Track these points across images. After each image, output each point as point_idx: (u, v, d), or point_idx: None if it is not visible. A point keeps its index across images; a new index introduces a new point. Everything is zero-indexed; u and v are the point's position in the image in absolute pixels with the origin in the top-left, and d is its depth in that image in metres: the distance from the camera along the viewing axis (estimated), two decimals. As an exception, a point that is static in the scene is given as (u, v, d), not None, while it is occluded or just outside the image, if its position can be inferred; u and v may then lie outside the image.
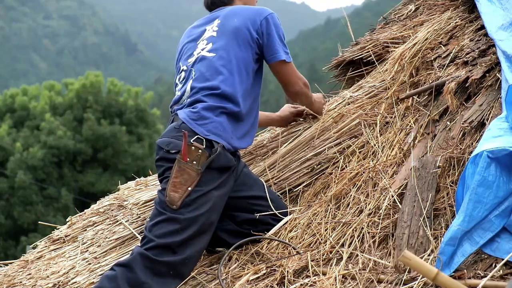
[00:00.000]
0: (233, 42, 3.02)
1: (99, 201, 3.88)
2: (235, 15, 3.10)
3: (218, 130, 2.88)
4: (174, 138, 2.84)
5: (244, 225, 3.03)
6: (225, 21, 3.10)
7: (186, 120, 2.86)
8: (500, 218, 2.25)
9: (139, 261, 2.67)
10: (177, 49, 3.28)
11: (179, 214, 2.74)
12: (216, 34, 3.08)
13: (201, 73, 2.99)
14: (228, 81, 2.94)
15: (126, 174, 19.72)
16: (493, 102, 2.82)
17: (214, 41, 3.06)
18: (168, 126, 2.99)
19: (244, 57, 3.01)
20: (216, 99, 2.91)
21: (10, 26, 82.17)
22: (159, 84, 61.85)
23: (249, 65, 3.03)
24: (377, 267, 2.49)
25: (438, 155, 2.76)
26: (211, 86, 2.93)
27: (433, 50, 3.30)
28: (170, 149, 2.82)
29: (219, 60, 2.99)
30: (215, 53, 3.02)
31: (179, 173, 2.77)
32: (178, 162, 2.78)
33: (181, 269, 2.74)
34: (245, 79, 3.00)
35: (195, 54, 3.08)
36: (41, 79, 42.46)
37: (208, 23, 3.18)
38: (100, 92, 22.67)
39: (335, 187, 3.07)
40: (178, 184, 2.76)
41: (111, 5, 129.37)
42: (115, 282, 2.63)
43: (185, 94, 3.01)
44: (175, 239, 2.72)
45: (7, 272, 3.55)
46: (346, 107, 3.53)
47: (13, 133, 21.56)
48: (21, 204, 19.65)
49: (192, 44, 3.15)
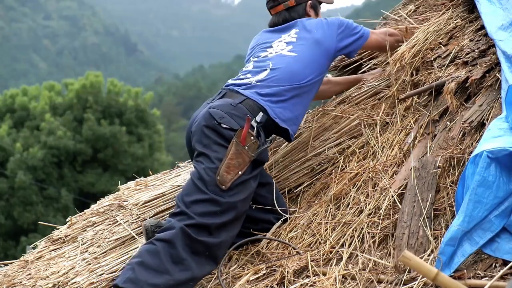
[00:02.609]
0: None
1: (99, 201, 3.88)
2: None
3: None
4: (228, 114, 2.91)
5: (245, 222, 3.02)
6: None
7: (253, 97, 3.01)
8: (500, 218, 2.25)
9: (180, 237, 2.69)
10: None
11: (220, 197, 2.78)
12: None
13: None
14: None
15: (126, 175, 19.70)
16: (493, 102, 2.81)
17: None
18: (216, 100, 3.07)
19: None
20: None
21: (10, 26, 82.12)
22: (159, 84, 61.82)
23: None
24: (377, 267, 2.49)
25: (438, 155, 2.76)
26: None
27: (433, 50, 3.30)
28: (222, 123, 2.87)
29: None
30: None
31: (235, 156, 2.84)
32: (237, 144, 2.85)
33: (216, 251, 2.77)
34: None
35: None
36: (41, 79, 42.43)
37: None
38: (100, 92, 22.64)
39: (335, 187, 3.07)
40: (232, 166, 2.82)
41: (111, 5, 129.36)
42: (158, 257, 2.64)
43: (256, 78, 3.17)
44: (215, 221, 2.75)
45: (7, 272, 3.55)
46: (346, 107, 3.53)
47: (13, 133, 21.53)
48: (21, 204, 19.63)
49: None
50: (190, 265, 2.68)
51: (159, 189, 3.60)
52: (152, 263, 2.62)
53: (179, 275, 2.65)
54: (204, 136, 2.90)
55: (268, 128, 3.06)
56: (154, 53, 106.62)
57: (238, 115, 2.91)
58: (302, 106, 3.21)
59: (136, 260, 2.65)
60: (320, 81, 3.35)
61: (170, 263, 2.64)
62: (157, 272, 2.61)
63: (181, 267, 2.66)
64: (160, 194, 3.52)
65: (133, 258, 2.71)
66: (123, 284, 2.56)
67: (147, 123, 23.11)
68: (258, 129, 2.96)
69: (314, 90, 3.29)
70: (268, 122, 3.03)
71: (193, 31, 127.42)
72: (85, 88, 22.35)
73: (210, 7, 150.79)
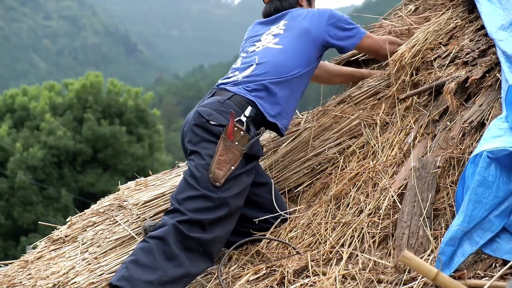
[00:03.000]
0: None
1: (99, 201, 3.88)
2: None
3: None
4: (216, 111, 2.92)
5: (244, 222, 3.03)
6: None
7: (241, 93, 3.01)
8: (500, 218, 2.25)
9: (172, 234, 2.69)
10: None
11: (212, 193, 2.78)
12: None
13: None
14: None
15: (126, 174, 19.70)
16: (493, 102, 2.81)
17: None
18: (206, 99, 3.08)
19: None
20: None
21: (10, 26, 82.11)
22: (159, 84, 61.84)
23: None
24: (377, 267, 2.49)
25: (438, 155, 2.76)
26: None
27: (433, 50, 3.30)
28: (210, 120, 2.88)
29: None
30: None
31: (224, 151, 2.84)
32: (224, 140, 2.85)
33: (210, 248, 2.76)
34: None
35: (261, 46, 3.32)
36: (41, 79, 42.43)
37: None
38: (100, 92, 22.65)
39: (335, 187, 3.07)
40: (223, 162, 2.82)
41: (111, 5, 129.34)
42: (151, 254, 2.64)
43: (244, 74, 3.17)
44: (207, 216, 2.75)
45: (7, 272, 3.55)
46: (346, 107, 3.53)
47: (13, 133, 21.54)
48: (21, 204, 19.63)
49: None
50: (183, 261, 2.67)
51: (159, 189, 3.61)
52: (146, 260, 2.62)
53: (172, 271, 2.64)
54: (194, 134, 2.92)
55: (258, 121, 3.05)
56: (154, 53, 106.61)
57: (226, 111, 2.92)
58: (292, 99, 3.19)
59: (130, 259, 2.66)
60: (310, 73, 3.31)
61: (164, 260, 2.64)
62: (150, 269, 2.61)
63: (174, 263, 2.66)
64: (160, 194, 3.52)
65: (128, 257, 2.72)
66: (117, 282, 2.56)
67: (147, 123, 23.11)
68: (248, 123, 2.95)
69: (303, 82, 3.26)
70: (258, 116, 3.03)
71: (193, 31, 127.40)
72: (85, 88, 22.35)
73: (210, 7, 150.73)
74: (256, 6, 4.09)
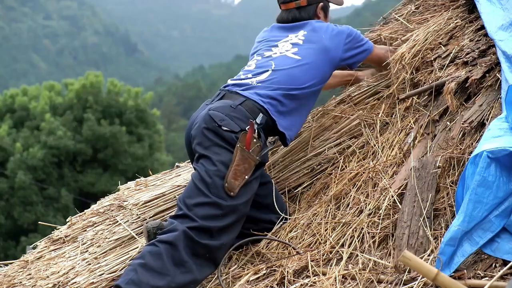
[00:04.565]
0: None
1: (99, 201, 3.89)
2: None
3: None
4: (229, 117, 2.90)
5: (246, 223, 3.02)
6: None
7: (253, 98, 2.98)
8: (500, 218, 2.25)
9: (183, 239, 2.70)
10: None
11: (222, 200, 2.79)
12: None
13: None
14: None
15: (126, 175, 19.70)
16: (493, 102, 2.82)
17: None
18: (215, 101, 3.05)
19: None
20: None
21: (10, 26, 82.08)
22: (159, 84, 61.80)
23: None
24: (377, 267, 2.49)
25: (438, 155, 2.76)
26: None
27: (433, 50, 3.30)
28: (223, 125, 2.87)
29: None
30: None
31: (241, 162, 2.84)
32: (242, 150, 2.84)
33: (216, 254, 2.78)
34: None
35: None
36: (41, 79, 42.38)
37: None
38: (100, 92, 22.64)
39: (335, 187, 3.07)
40: (239, 172, 2.83)
41: (111, 5, 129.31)
42: (160, 259, 2.65)
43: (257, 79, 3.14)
44: (216, 224, 2.76)
45: (7, 272, 3.55)
46: (346, 107, 3.53)
47: (13, 133, 21.54)
48: (21, 204, 19.63)
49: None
50: (191, 267, 2.69)
51: (159, 189, 3.61)
52: (155, 265, 2.63)
53: (180, 277, 2.66)
54: (205, 138, 2.89)
55: (268, 129, 3.05)
56: (154, 53, 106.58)
57: (238, 117, 2.91)
58: (299, 115, 3.19)
59: (139, 262, 2.65)
60: (319, 91, 3.31)
61: (172, 265, 2.65)
62: (159, 274, 2.62)
63: (182, 269, 2.67)
64: (160, 194, 3.52)
65: (135, 259, 2.72)
66: (126, 286, 2.57)
67: (147, 123, 23.11)
68: (259, 131, 2.95)
69: (312, 99, 3.26)
70: (268, 123, 3.02)
71: (193, 31, 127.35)
72: (85, 88, 22.35)
73: (210, 7, 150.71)
74: (256, 6, 4.08)
